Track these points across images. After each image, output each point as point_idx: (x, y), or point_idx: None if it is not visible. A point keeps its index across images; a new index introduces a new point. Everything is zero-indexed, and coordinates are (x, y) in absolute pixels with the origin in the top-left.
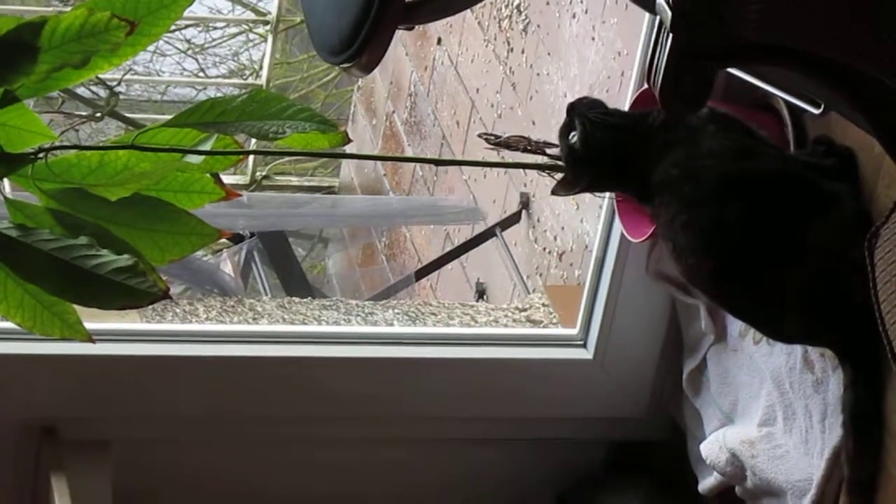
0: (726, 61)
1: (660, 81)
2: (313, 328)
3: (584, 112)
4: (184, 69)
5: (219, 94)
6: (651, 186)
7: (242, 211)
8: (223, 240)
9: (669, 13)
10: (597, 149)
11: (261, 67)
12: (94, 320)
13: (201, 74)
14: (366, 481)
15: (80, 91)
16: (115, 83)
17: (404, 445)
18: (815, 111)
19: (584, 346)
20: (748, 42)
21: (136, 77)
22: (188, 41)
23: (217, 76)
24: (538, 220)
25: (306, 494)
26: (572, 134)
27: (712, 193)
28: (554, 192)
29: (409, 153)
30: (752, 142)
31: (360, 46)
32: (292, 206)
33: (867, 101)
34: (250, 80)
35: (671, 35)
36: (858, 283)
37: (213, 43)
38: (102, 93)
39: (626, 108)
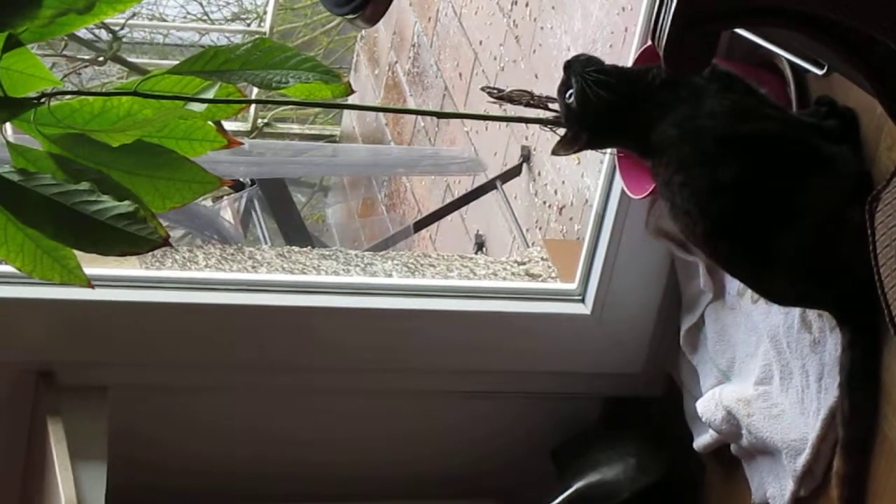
0: (731, 22)
1: (664, 41)
2: (312, 278)
3: (580, 70)
4: (187, 12)
5: (222, 39)
6: (651, 144)
7: (244, 158)
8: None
9: None
10: (593, 107)
11: (265, 12)
12: (94, 266)
13: (205, 18)
14: (360, 431)
15: (82, 33)
16: (118, 28)
17: (400, 397)
18: (819, 72)
19: (583, 301)
20: (753, 3)
21: (139, 22)
22: None
23: (220, 19)
24: (539, 174)
25: (300, 442)
26: (569, 92)
27: (710, 154)
28: (554, 152)
29: (411, 104)
30: (754, 102)
31: None
32: (293, 154)
33: (871, 64)
34: (254, 26)
35: None
36: (857, 245)
37: None
38: (105, 35)
39: (629, 64)
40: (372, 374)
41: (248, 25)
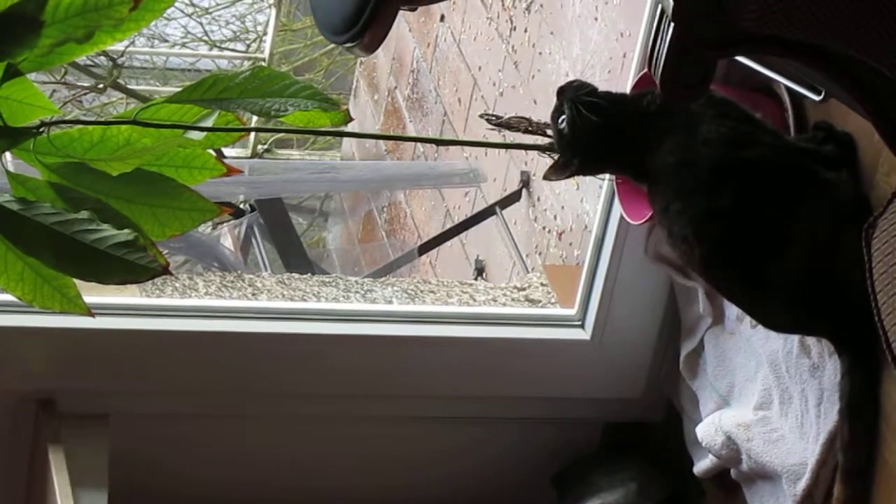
0: (727, 51)
1: (660, 70)
2: (312, 305)
3: (573, 96)
4: (188, 32)
5: (222, 61)
6: (647, 171)
7: (243, 179)
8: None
9: (671, 2)
10: (585, 133)
11: (265, 33)
12: (94, 294)
13: (205, 38)
14: (359, 457)
15: (82, 60)
16: (118, 55)
17: (401, 422)
18: (816, 98)
19: (582, 326)
20: (749, 32)
21: (138, 49)
22: (193, 4)
23: (221, 40)
24: (538, 199)
25: (299, 467)
26: (561, 118)
27: (706, 181)
28: (546, 178)
29: (410, 130)
30: (751, 128)
31: (363, 27)
32: (292, 172)
33: (867, 92)
34: (254, 47)
35: (672, 24)
36: (854, 272)
37: (218, 7)
38: (104, 59)
39: (628, 89)
40: (372, 400)
41: (248, 46)
